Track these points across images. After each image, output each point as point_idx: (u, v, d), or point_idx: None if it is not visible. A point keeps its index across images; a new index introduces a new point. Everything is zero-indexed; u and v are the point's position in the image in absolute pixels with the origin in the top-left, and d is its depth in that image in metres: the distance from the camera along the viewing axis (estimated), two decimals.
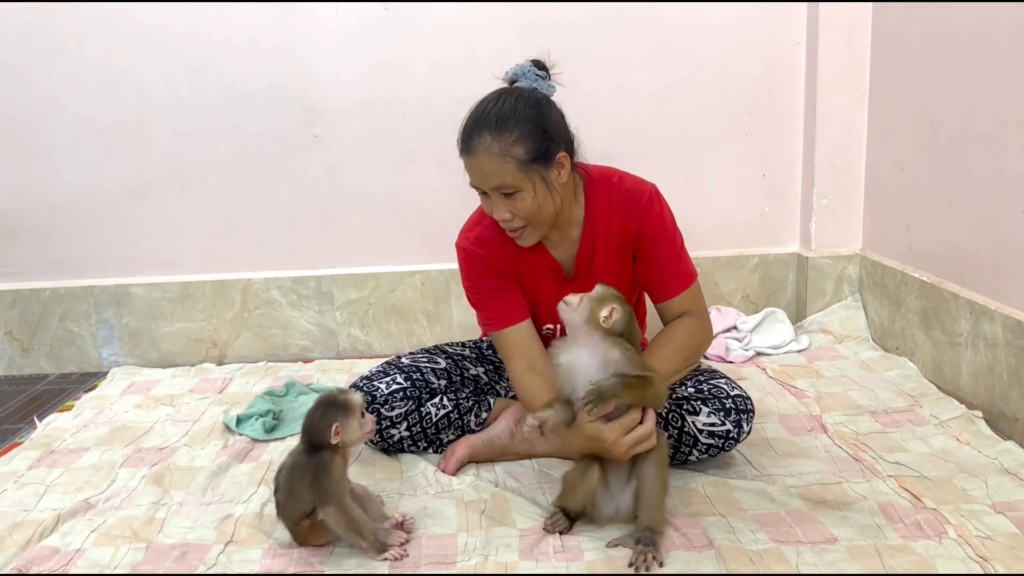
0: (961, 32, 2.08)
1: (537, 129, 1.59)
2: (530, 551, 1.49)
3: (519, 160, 1.58)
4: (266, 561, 1.50)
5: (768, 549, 1.46)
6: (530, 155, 1.59)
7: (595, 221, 1.76)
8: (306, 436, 1.49)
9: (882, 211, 2.56)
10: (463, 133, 1.63)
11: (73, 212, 2.70)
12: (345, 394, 1.52)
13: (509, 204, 1.63)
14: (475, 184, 1.65)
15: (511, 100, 1.61)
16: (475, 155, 1.60)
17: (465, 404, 1.88)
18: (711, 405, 1.71)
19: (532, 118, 1.59)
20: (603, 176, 1.78)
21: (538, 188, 1.61)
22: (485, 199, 1.67)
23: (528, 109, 1.60)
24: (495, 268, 1.80)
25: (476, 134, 1.59)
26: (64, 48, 2.58)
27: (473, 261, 1.81)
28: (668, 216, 1.78)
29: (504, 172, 1.58)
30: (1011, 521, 1.51)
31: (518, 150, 1.58)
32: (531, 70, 1.67)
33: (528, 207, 1.62)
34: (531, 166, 1.59)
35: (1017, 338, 1.87)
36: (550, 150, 1.61)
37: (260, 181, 2.69)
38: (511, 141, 1.57)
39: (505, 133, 1.57)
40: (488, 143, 1.58)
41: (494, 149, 1.58)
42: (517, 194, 1.61)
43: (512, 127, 1.58)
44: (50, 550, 1.55)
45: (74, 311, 2.73)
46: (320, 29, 2.59)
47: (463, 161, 1.64)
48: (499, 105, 1.60)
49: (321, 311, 2.75)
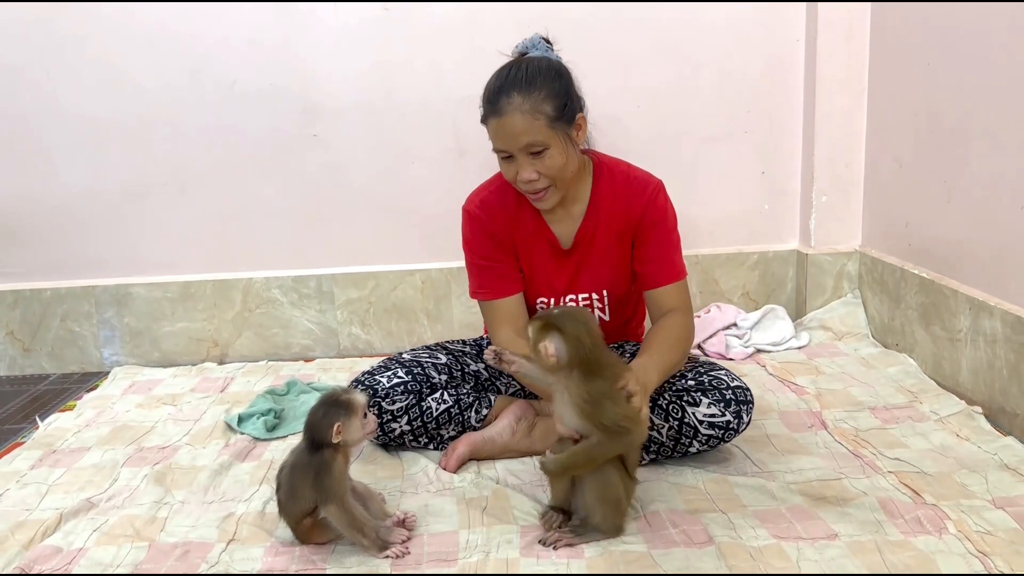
0: (960, 29, 2.09)
1: (561, 88, 1.68)
2: (531, 548, 1.49)
3: (548, 116, 1.65)
4: (268, 559, 1.50)
5: (768, 545, 1.46)
6: (557, 112, 1.66)
7: (599, 201, 1.83)
8: (308, 435, 1.50)
9: (881, 208, 2.56)
10: (489, 96, 1.69)
11: (74, 212, 2.70)
12: (348, 393, 1.52)
13: (536, 163, 1.68)
14: (502, 147, 1.70)
15: (533, 63, 1.69)
16: (505, 114, 1.65)
17: (466, 400, 1.89)
18: (711, 396, 1.72)
19: (555, 77, 1.68)
20: (612, 162, 1.87)
21: (564, 145, 1.69)
22: (507, 164, 1.72)
23: (550, 70, 1.68)
24: (494, 234, 1.86)
25: (504, 94, 1.65)
26: (64, 49, 2.58)
27: (475, 223, 1.87)
28: (670, 210, 1.85)
29: (535, 129, 1.65)
30: (1011, 516, 1.51)
31: (547, 107, 1.65)
32: (540, 42, 1.77)
33: (556, 164, 1.69)
34: (558, 123, 1.66)
35: (1017, 334, 1.88)
36: (572, 109, 1.69)
37: (260, 181, 2.69)
38: (540, 98, 1.64)
39: (534, 91, 1.64)
40: (519, 102, 1.64)
41: (525, 107, 1.64)
42: (545, 152, 1.67)
43: (540, 85, 1.65)
44: (52, 549, 1.55)
45: (75, 311, 2.73)
46: (320, 29, 2.59)
47: (489, 125, 1.70)
48: (523, 68, 1.67)
49: (322, 310, 2.75)
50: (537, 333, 1.44)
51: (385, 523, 1.54)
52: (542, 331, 1.44)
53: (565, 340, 1.42)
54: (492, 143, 1.72)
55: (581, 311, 1.50)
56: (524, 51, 1.75)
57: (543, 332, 1.43)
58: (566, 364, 1.43)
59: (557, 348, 1.42)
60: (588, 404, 1.42)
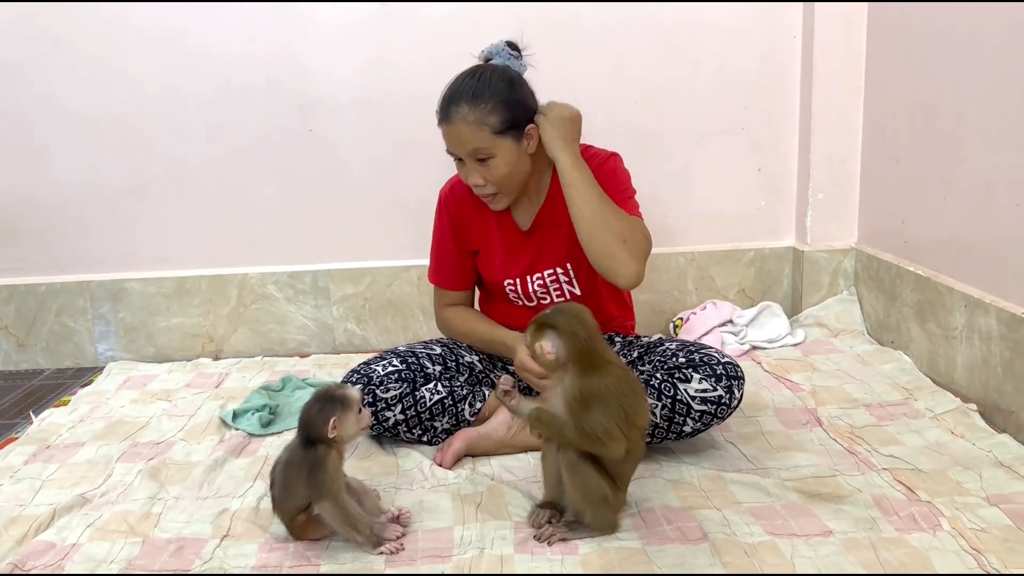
0: (957, 27, 2.09)
1: (509, 101, 1.74)
2: (525, 544, 1.49)
3: (492, 128, 1.73)
4: (262, 555, 1.50)
5: (763, 542, 1.46)
6: (503, 124, 1.73)
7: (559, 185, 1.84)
8: (303, 430, 1.49)
9: (878, 205, 2.56)
10: (441, 104, 1.77)
11: (70, 208, 2.70)
12: (343, 388, 1.52)
13: (483, 170, 1.77)
14: (451, 150, 1.79)
15: (486, 75, 1.76)
16: (452, 123, 1.74)
17: (459, 392, 1.89)
18: (702, 371, 1.73)
19: (504, 91, 1.74)
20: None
21: (509, 155, 1.76)
22: (460, 166, 1.83)
23: (501, 83, 1.75)
24: (455, 222, 1.97)
25: (454, 104, 1.74)
26: (61, 46, 2.58)
27: (442, 208, 2.00)
28: (621, 169, 1.89)
29: (479, 138, 1.73)
30: (1005, 514, 1.51)
31: (492, 119, 1.72)
32: (504, 49, 1.81)
33: (500, 173, 1.77)
34: (504, 134, 1.74)
35: (1012, 331, 1.88)
36: (521, 121, 1.76)
37: (256, 177, 2.69)
38: (487, 110, 1.72)
39: (481, 103, 1.72)
40: (465, 112, 1.72)
41: (471, 118, 1.72)
42: (490, 160, 1.76)
43: (488, 98, 1.72)
44: (46, 545, 1.55)
45: (70, 306, 2.73)
46: (316, 25, 2.58)
47: (441, 130, 1.78)
48: (475, 79, 1.75)
49: (317, 306, 2.75)
50: (533, 335, 1.47)
51: (380, 519, 1.54)
52: (537, 332, 1.46)
53: (560, 336, 1.43)
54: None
55: (573, 306, 1.50)
56: (489, 57, 1.82)
57: (538, 333, 1.46)
58: (565, 359, 1.44)
59: (554, 345, 1.43)
60: (577, 403, 1.43)
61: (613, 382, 1.44)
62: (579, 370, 1.44)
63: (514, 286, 1.95)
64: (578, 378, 1.44)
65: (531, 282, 1.93)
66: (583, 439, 1.44)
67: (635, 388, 1.49)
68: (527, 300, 1.97)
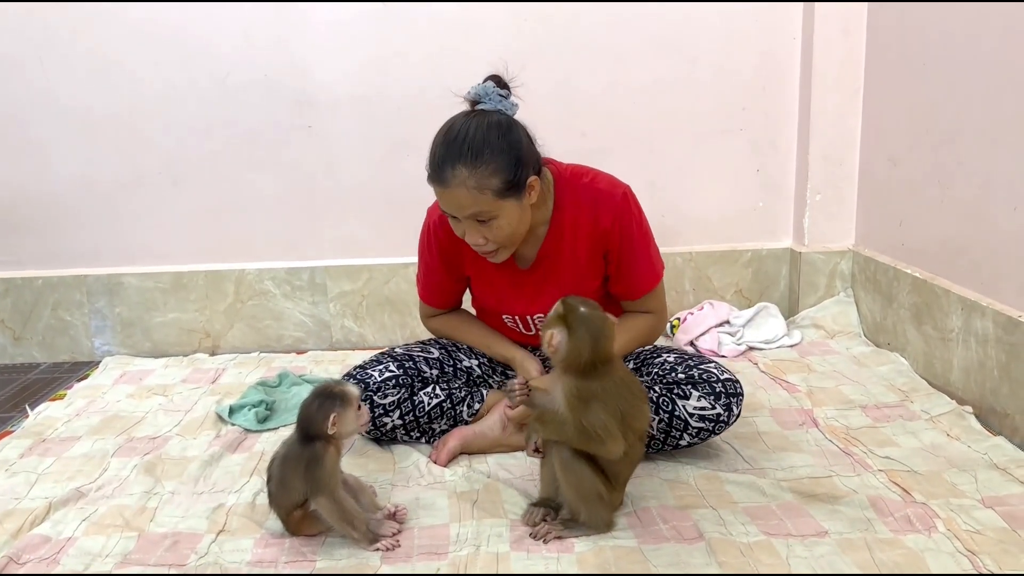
0: (955, 30, 2.09)
1: (511, 158, 1.60)
2: (521, 542, 1.49)
3: (495, 191, 1.59)
4: (258, 551, 1.50)
5: (758, 542, 1.47)
6: (505, 185, 1.59)
7: (563, 219, 1.77)
8: (302, 426, 1.49)
9: (875, 207, 2.56)
10: (435, 162, 1.61)
11: (67, 202, 2.69)
12: (342, 385, 1.52)
13: (484, 230, 1.65)
14: (448, 211, 1.66)
15: (482, 128, 1.60)
16: (449, 187, 1.59)
17: (457, 394, 1.89)
18: (701, 389, 1.72)
19: (505, 148, 1.59)
20: (575, 175, 1.79)
21: (513, 214, 1.64)
22: (455, 222, 1.68)
23: (500, 138, 1.59)
24: (444, 249, 1.87)
25: (450, 166, 1.58)
26: (58, 41, 2.57)
27: (430, 235, 1.89)
28: (638, 218, 1.80)
29: (480, 202, 1.59)
30: (1000, 516, 1.52)
31: (494, 181, 1.58)
32: (494, 90, 1.65)
33: (504, 233, 1.65)
34: (506, 194, 1.60)
35: (1008, 334, 1.88)
36: (523, 177, 1.62)
37: (254, 172, 2.68)
38: (487, 173, 1.58)
39: (481, 165, 1.57)
40: (464, 176, 1.57)
41: (471, 183, 1.57)
42: (492, 221, 1.63)
43: (487, 159, 1.57)
44: (41, 538, 1.55)
45: (67, 300, 2.72)
46: (314, 21, 2.58)
47: (434, 190, 1.64)
48: (471, 134, 1.59)
49: (315, 302, 2.75)
50: (554, 318, 1.45)
51: (376, 516, 1.54)
52: (558, 321, 1.45)
53: (570, 340, 1.43)
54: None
55: (604, 322, 1.46)
56: (476, 99, 1.66)
57: (558, 322, 1.44)
58: (560, 362, 1.45)
59: (560, 344, 1.44)
60: (576, 399, 1.43)
61: (611, 384, 1.45)
62: (577, 374, 1.45)
63: (513, 320, 1.91)
64: (576, 378, 1.45)
65: (531, 320, 1.89)
66: (581, 436, 1.44)
67: (634, 392, 1.50)
68: (525, 329, 1.92)
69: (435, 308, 2.02)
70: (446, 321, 2.02)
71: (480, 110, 1.64)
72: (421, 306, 2.04)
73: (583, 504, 1.49)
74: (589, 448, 1.46)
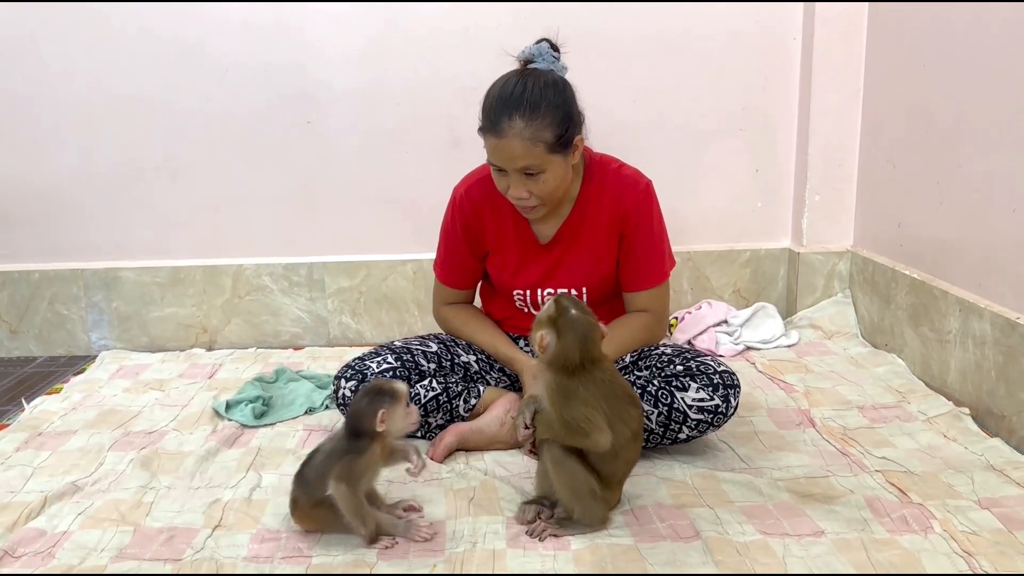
0: (955, 30, 2.09)
1: (564, 114, 1.66)
2: (517, 539, 1.49)
3: (547, 144, 1.64)
4: (253, 546, 1.50)
5: (755, 541, 1.47)
6: (557, 139, 1.65)
7: (587, 200, 1.84)
8: (351, 422, 1.48)
9: (874, 208, 2.57)
10: (490, 113, 1.66)
11: (64, 195, 2.68)
12: (391, 383, 1.51)
13: (530, 184, 1.70)
14: (498, 163, 1.69)
15: (539, 84, 1.65)
16: (504, 137, 1.64)
17: (454, 388, 1.88)
18: (699, 381, 1.73)
19: (559, 103, 1.66)
20: (603, 160, 1.87)
21: (559, 170, 1.70)
22: (500, 176, 1.73)
23: (555, 94, 1.66)
24: (469, 224, 1.91)
25: (507, 116, 1.63)
26: (56, 33, 2.56)
27: (456, 211, 1.91)
28: (657, 212, 1.86)
29: (533, 155, 1.64)
30: (996, 517, 1.52)
31: (547, 134, 1.64)
32: (548, 51, 1.71)
33: (548, 188, 1.71)
34: (556, 149, 1.66)
35: (1005, 336, 1.88)
36: (572, 134, 1.69)
37: (253, 167, 2.68)
38: (542, 126, 1.63)
39: (537, 118, 1.63)
40: (520, 127, 1.63)
41: (526, 133, 1.63)
42: (540, 175, 1.68)
43: (543, 112, 1.63)
44: (36, 532, 1.55)
45: (64, 294, 2.72)
46: (315, 16, 2.57)
47: (486, 140, 1.68)
48: (529, 89, 1.64)
49: (312, 298, 2.74)
50: (544, 319, 1.46)
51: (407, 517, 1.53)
52: (548, 322, 1.45)
53: (558, 344, 1.45)
54: (487, 154, 1.71)
55: (592, 327, 1.46)
56: (530, 58, 1.71)
57: (549, 323, 1.45)
58: (546, 362, 1.47)
59: (549, 344, 1.45)
60: (555, 394, 1.45)
61: (593, 384, 1.45)
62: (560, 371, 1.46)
63: (523, 296, 1.93)
64: (558, 374, 1.46)
65: (541, 297, 1.91)
66: (566, 431, 1.45)
67: (618, 393, 1.49)
68: (533, 308, 1.93)
69: (451, 288, 2.01)
70: (458, 312, 2.02)
71: (534, 69, 1.69)
72: (436, 288, 2.04)
73: (576, 501, 1.49)
74: (576, 442, 1.46)
